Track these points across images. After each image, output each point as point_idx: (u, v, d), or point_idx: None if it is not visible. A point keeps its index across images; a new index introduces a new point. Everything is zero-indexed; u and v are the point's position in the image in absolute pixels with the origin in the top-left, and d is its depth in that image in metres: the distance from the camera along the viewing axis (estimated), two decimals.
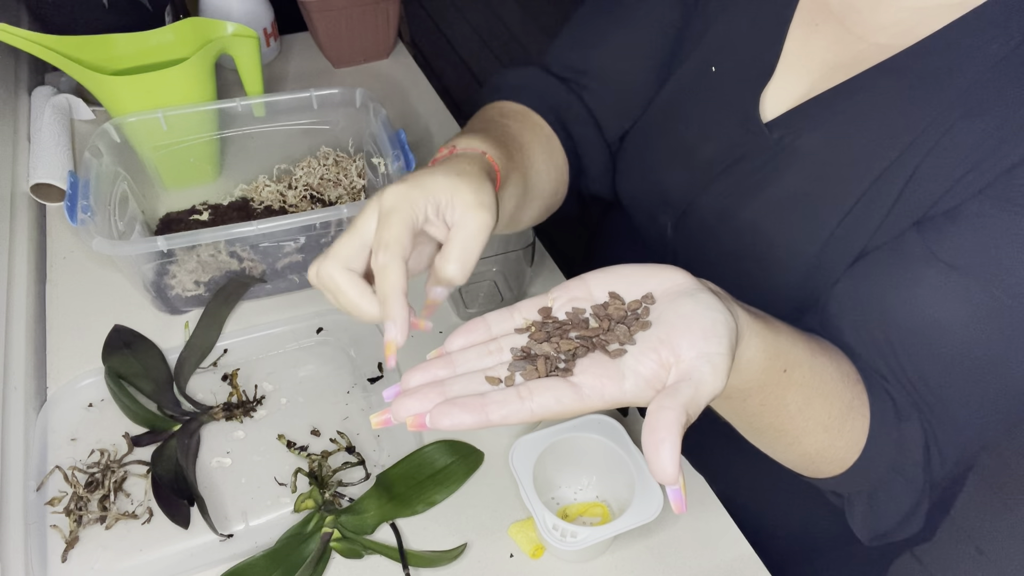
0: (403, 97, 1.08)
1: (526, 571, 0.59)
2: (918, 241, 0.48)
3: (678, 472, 0.33)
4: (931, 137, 0.48)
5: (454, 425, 0.34)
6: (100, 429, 0.65)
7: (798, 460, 0.51)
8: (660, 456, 0.32)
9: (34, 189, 0.83)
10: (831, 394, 0.47)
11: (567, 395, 0.35)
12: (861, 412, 0.48)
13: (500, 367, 0.38)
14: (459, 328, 0.41)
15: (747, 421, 0.48)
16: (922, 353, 0.48)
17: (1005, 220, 0.45)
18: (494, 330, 0.41)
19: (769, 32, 0.57)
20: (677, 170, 0.63)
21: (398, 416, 0.36)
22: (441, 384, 0.37)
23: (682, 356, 0.36)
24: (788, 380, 0.44)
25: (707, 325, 0.36)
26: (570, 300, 0.41)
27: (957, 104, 0.48)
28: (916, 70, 0.49)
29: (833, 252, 0.53)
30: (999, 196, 0.46)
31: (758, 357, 0.41)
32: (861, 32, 0.53)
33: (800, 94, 0.55)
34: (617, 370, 0.36)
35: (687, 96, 0.63)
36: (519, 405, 0.35)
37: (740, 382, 0.42)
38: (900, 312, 0.49)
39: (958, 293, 0.46)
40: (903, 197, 0.50)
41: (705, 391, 0.35)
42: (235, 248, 0.73)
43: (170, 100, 0.79)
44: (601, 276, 0.41)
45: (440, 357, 0.39)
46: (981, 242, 0.46)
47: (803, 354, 0.45)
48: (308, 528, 0.60)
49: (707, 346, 0.36)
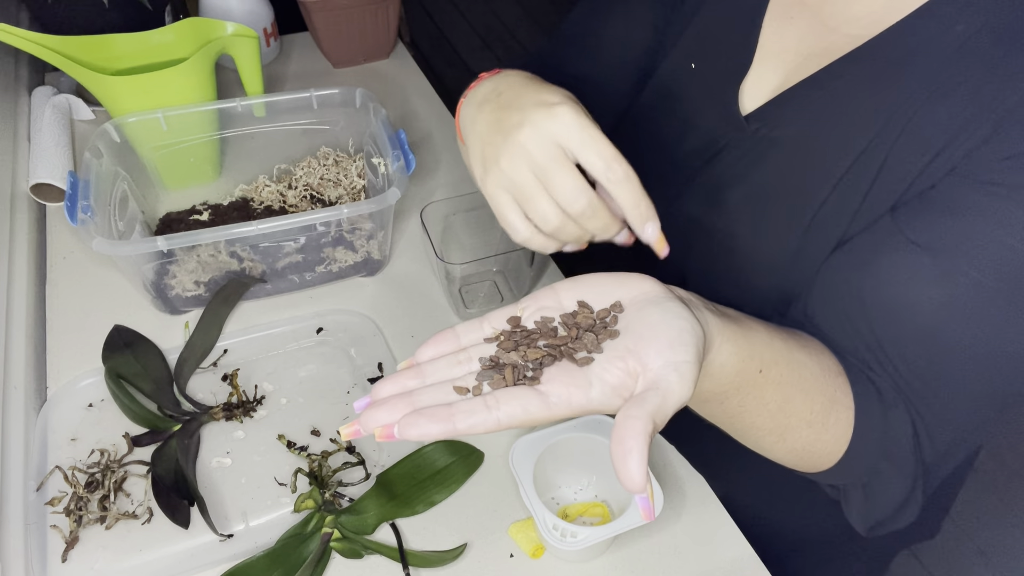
0: (403, 97, 1.08)
1: (526, 571, 0.59)
2: (892, 225, 0.49)
3: (646, 481, 0.33)
4: (900, 121, 0.49)
5: (421, 435, 0.35)
6: (100, 429, 0.65)
7: (786, 456, 0.51)
8: (628, 465, 0.33)
9: (34, 189, 0.83)
10: (811, 390, 0.47)
11: (534, 404, 0.35)
12: (845, 404, 0.49)
13: (469, 377, 0.38)
14: (429, 339, 0.41)
15: (729, 423, 0.48)
16: (903, 337, 0.48)
17: (976, 199, 0.45)
18: (463, 340, 0.41)
19: (744, 26, 0.58)
20: (660, 166, 0.64)
21: (367, 427, 0.36)
22: (410, 395, 0.37)
23: (649, 365, 0.36)
24: (765, 380, 0.44)
25: (673, 334, 0.37)
26: (539, 309, 0.41)
27: (924, 87, 0.48)
28: (884, 56, 0.50)
29: (812, 241, 0.54)
30: (969, 176, 0.46)
31: (731, 361, 0.42)
32: (835, 23, 0.54)
33: (776, 86, 0.56)
34: (584, 378, 0.36)
35: (668, 93, 0.64)
36: (486, 415, 0.35)
37: (715, 386, 0.42)
38: (878, 297, 0.49)
39: (934, 275, 0.46)
40: (877, 183, 0.50)
41: (672, 400, 0.35)
42: (235, 248, 0.73)
43: (170, 100, 0.79)
44: (571, 285, 0.42)
45: (410, 368, 0.39)
46: (953, 223, 0.46)
47: (779, 352, 0.45)
48: (308, 528, 0.60)
49: (674, 355, 0.36)
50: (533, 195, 0.44)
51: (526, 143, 0.43)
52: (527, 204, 0.45)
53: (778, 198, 0.56)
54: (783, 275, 0.56)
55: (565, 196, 0.44)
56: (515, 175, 0.44)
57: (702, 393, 0.43)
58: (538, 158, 0.43)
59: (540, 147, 0.43)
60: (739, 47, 0.58)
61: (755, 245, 0.57)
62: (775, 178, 0.56)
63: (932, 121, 0.48)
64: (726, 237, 0.60)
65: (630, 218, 0.44)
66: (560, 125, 0.43)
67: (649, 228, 0.43)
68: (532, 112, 0.43)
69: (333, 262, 0.79)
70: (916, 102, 0.48)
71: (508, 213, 0.46)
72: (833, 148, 0.52)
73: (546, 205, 0.44)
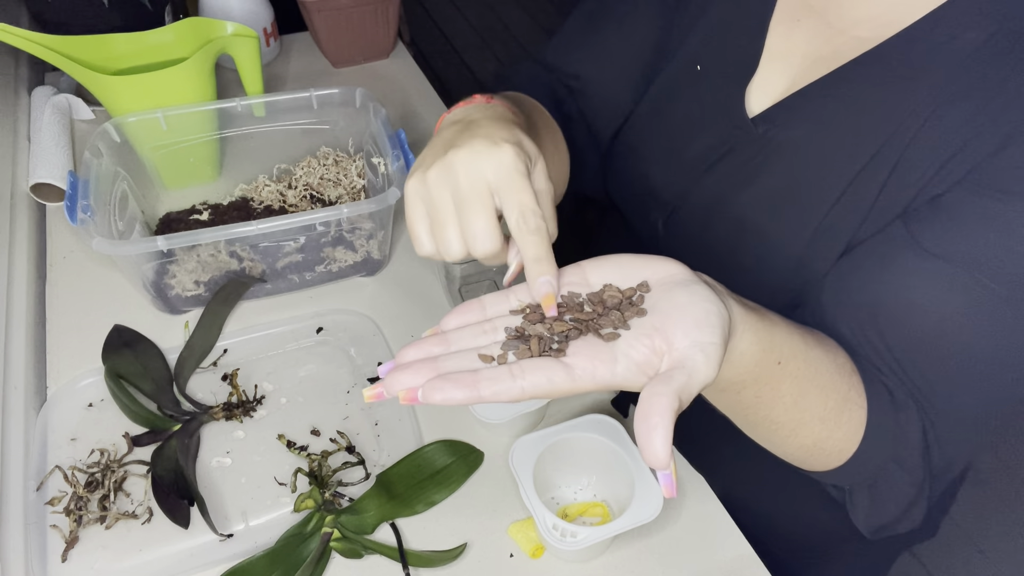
0: (403, 97, 1.08)
1: (526, 571, 0.59)
2: (904, 232, 0.49)
3: (670, 457, 0.33)
4: (912, 127, 0.49)
5: (445, 399, 0.35)
6: (100, 429, 0.65)
7: (796, 452, 0.51)
8: (653, 441, 0.33)
9: (34, 189, 0.83)
10: (827, 386, 0.47)
11: (559, 375, 0.36)
12: (858, 403, 0.49)
13: (494, 346, 0.39)
14: (455, 308, 0.41)
15: (743, 414, 0.48)
16: (914, 343, 0.48)
17: (987, 207, 0.45)
18: (489, 311, 0.41)
19: (750, 28, 0.58)
20: (667, 167, 0.64)
21: (391, 390, 0.37)
22: (435, 360, 0.38)
23: (675, 344, 0.36)
24: (783, 372, 0.44)
25: (700, 315, 0.37)
26: (566, 286, 0.41)
27: (936, 93, 0.48)
28: (895, 61, 0.50)
29: (821, 244, 0.54)
30: (981, 183, 0.46)
31: (752, 350, 0.42)
32: (842, 26, 0.54)
33: (784, 88, 0.56)
34: (610, 353, 0.37)
35: (674, 95, 0.64)
36: (511, 383, 0.35)
37: (734, 374, 0.42)
38: (890, 303, 0.49)
39: (945, 282, 0.46)
40: (888, 187, 0.50)
41: (698, 379, 0.35)
42: (235, 248, 0.73)
43: (170, 100, 0.79)
44: (598, 264, 0.42)
45: (435, 335, 0.40)
46: (965, 230, 0.46)
47: (798, 347, 0.45)
48: (308, 528, 0.60)
49: (700, 335, 0.36)
50: (445, 221, 0.43)
51: (458, 167, 0.42)
52: (436, 227, 0.43)
53: (786, 201, 0.55)
54: (790, 278, 0.56)
55: (473, 235, 0.42)
56: (436, 193, 0.43)
57: (720, 382, 0.43)
58: (463, 186, 0.42)
59: (468, 176, 0.42)
60: (746, 49, 0.58)
61: (762, 247, 0.57)
62: (783, 181, 0.56)
63: (944, 127, 0.48)
64: (732, 239, 0.59)
65: (527, 268, 0.42)
66: (494, 163, 0.41)
67: (541, 282, 0.40)
68: (478, 142, 0.42)
69: (333, 262, 0.79)
70: (927, 108, 0.48)
71: (417, 225, 0.44)
72: (843, 152, 0.52)
73: (453, 236, 0.43)
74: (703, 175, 0.61)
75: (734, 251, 0.59)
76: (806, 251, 0.54)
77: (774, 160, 0.56)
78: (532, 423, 0.67)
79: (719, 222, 0.60)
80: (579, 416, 0.61)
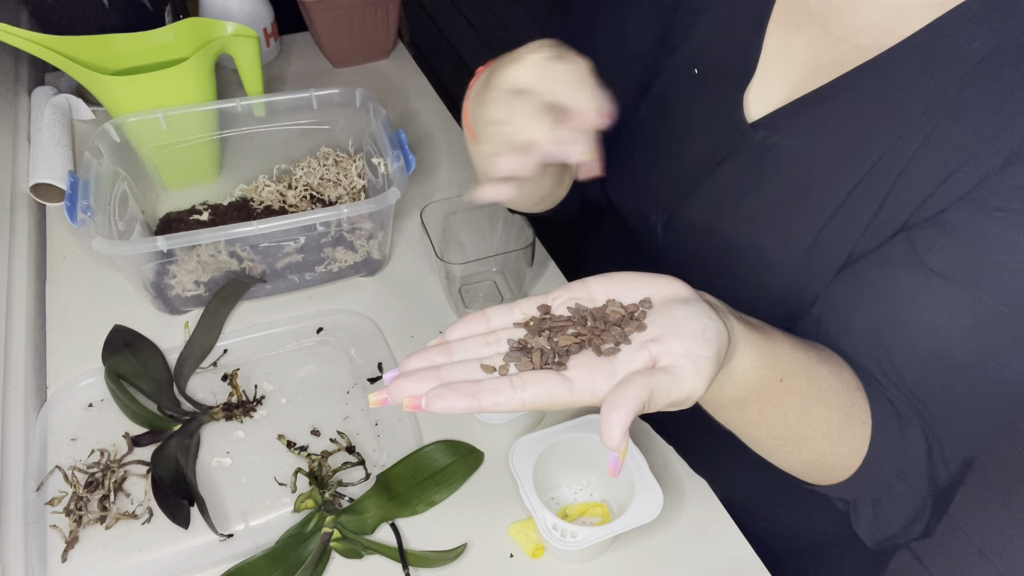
0: (403, 97, 1.08)
1: (526, 571, 0.59)
2: (907, 249, 0.48)
3: (622, 441, 0.34)
4: (914, 139, 0.48)
5: (447, 408, 0.36)
6: (100, 429, 0.65)
7: (800, 467, 0.51)
8: (611, 422, 0.34)
9: (34, 189, 0.83)
10: (830, 402, 0.47)
11: (559, 387, 0.36)
12: (862, 420, 0.49)
13: (496, 357, 0.39)
14: (460, 319, 0.42)
15: (746, 430, 0.48)
16: (917, 361, 0.48)
17: (991, 226, 0.45)
18: (493, 323, 0.42)
19: (747, 32, 0.58)
20: (665, 171, 0.64)
21: (395, 397, 0.38)
22: (438, 369, 0.38)
23: (671, 351, 0.37)
24: (785, 389, 0.44)
25: (697, 329, 0.37)
26: (570, 299, 0.42)
27: (939, 105, 0.48)
28: (897, 71, 0.50)
29: (821, 254, 0.53)
30: (985, 202, 0.46)
31: (753, 367, 0.42)
32: (842, 33, 0.53)
33: (784, 95, 0.56)
34: (610, 368, 0.37)
35: (672, 98, 0.63)
36: (511, 394, 0.36)
37: (736, 392, 0.43)
38: (892, 320, 0.49)
39: (948, 301, 0.46)
40: (889, 199, 0.50)
41: (680, 387, 0.35)
42: (235, 248, 0.73)
43: (170, 100, 0.79)
44: (602, 281, 0.42)
45: (439, 345, 0.41)
46: (968, 249, 0.46)
47: (801, 363, 0.45)
48: (308, 528, 0.60)
49: (695, 348, 0.36)
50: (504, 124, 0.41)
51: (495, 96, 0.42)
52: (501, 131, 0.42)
53: (784, 209, 0.55)
54: (788, 288, 0.56)
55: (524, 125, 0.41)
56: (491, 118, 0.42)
57: (722, 398, 0.44)
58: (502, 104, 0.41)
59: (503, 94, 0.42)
60: (743, 53, 0.57)
61: (760, 255, 0.57)
62: (782, 189, 0.55)
63: (948, 141, 0.47)
64: (730, 246, 0.59)
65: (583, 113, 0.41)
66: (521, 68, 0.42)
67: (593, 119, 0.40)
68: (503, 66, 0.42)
69: (333, 262, 0.79)
70: (933, 120, 0.48)
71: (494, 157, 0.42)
72: (843, 161, 0.52)
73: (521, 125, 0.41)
74: (702, 179, 0.60)
75: (733, 256, 0.59)
76: (805, 261, 0.54)
77: (773, 167, 0.55)
78: (532, 423, 0.67)
79: (718, 227, 0.60)
80: (579, 416, 0.61)
